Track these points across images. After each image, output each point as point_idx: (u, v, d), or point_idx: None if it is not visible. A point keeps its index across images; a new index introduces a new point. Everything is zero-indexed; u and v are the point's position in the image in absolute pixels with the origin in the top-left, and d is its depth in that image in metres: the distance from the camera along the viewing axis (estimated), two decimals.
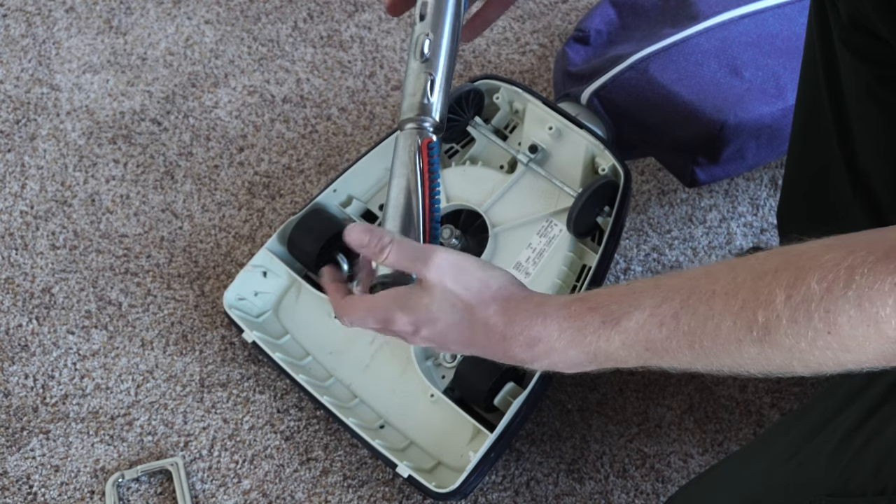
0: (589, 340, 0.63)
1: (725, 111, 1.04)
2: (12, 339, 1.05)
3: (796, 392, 1.03)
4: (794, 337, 0.54)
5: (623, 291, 0.63)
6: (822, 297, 0.53)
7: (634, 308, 0.61)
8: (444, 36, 0.77)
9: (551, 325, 0.65)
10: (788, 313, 0.54)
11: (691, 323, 0.58)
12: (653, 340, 0.60)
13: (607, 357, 0.63)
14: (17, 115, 1.20)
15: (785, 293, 0.54)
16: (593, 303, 0.64)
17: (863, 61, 0.78)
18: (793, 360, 0.56)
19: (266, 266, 1.02)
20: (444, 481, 0.91)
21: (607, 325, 0.62)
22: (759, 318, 0.55)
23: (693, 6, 1.12)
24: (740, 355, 0.57)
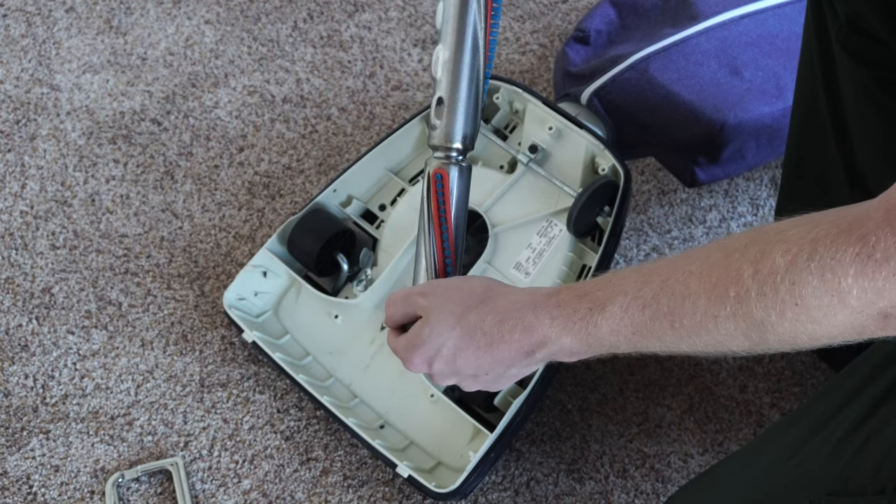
0: (579, 327, 0.65)
1: (725, 111, 1.04)
2: (12, 339, 1.05)
3: (796, 392, 1.03)
4: (764, 310, 0.56)
5: (608, 278, 0.66)
6: (787, 270, 0.54)
7: (618, 293, 0.63)
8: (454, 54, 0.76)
9: (542, 315, 0.67)
10: (757, 287, 0.56)
11: (671, 303, 0.60)
12: (637, 323, 0.62)
13: (600, 343, 0.65)
14: (18, 115, 1.21)
15: (752, 267, 0.56)
16: (580, 290, 0.66)
17: (860, 63, 0.78)
18: (767, 334, 0.57)
19: (266, 266, 1.02)
20: (444, 481, 0.91)
21: (594, 310, 0.64)
22: (730, 294, 0.57)
23: (693, 6, 1.12)
24: (718, 332, 0.59)
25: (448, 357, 0.72)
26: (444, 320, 0.71)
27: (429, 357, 0.73)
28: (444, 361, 0.72)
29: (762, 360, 1.05)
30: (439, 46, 0.77)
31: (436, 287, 0.75)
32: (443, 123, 0.76)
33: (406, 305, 0.75)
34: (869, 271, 0.52)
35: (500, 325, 0.69)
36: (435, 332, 0.72)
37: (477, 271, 0.98)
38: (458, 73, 0.76)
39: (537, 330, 0.67)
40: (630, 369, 1.04)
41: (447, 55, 0.76)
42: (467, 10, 0.75)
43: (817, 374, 1.04)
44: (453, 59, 0.75)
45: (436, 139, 0.78)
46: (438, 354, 0.72)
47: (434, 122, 0.78)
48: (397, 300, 0.76)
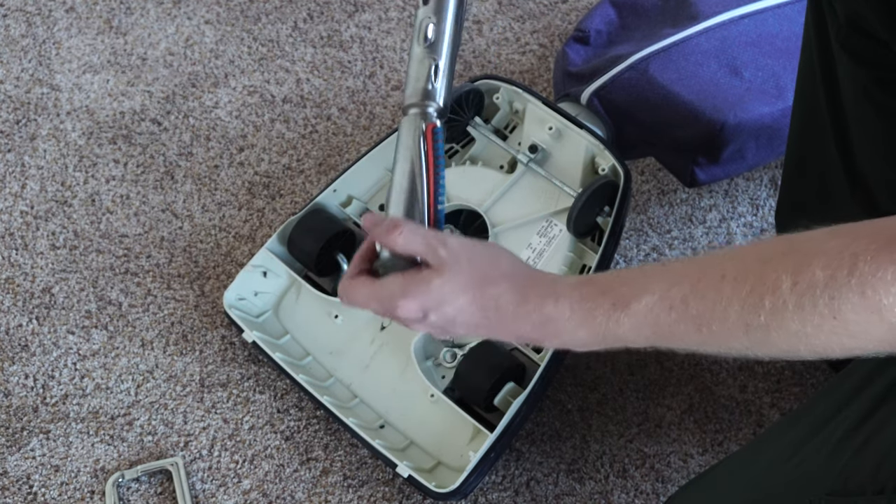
0: (599, 322, 0.63)
1: (725, 111, 1.04)
2: (12, 339, 1.05)
3: (796, 392, 1.03)
4: (800, 322, 0.55)
5: (634, 275, 0.64)
6: (827, 285, 0.54)
7: (644, 292, 0.62)
8: (447, 20, 0.76)
9: (563, 306, 0.65)
10: (795, 299, 0.55)
11: (700, 307, 0.59)
12: (661, 324, 0.61)
13: (616, 338, 0.64)
14: (18, 115, 1.21)
15: (791, 279, 0.55)
16: (604, 286, 0.64)
17: (860, 63, 0.78)
18: (799, 345, 0.56)
19: (266, 266, 1.02)
20: (444, 481, 0.91)
21: (618, 307, 0.63)
22: (766, 304, 0.56)
23: (693, 6, 1.12)
24: (747, 339, 0.58)
25: (449, 316, 0.67)
26: (458, 280, 0.67)
27: (426, 307, 0.67)
28: (442, 317, 0.67)
29: (762, 360, 1.05)
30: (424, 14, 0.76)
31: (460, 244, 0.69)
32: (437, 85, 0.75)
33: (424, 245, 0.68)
34: None
35: (517, 308, 0.66)
36: (447, 288, 0.66)
37: None
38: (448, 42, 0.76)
39: (554, 321, 0.65)
40: (630, 369, 1.04)
41: None
42: None
43: (817, 374, 1.04)
44: None
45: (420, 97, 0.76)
46: (439, 309, 0.67)
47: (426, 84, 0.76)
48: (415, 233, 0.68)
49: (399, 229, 0.68)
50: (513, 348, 0.97)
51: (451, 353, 0.96)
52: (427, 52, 0.75)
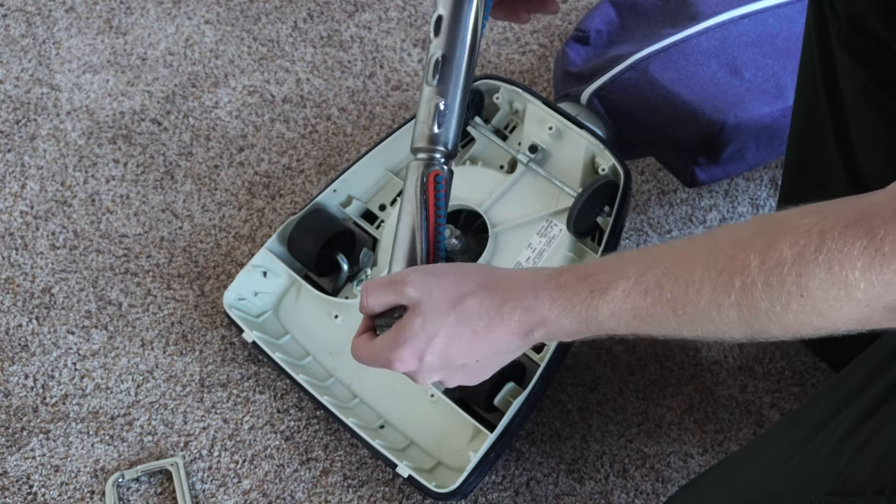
0: (578, 310, 0.64)
1: (725, 111, 1.04)
2: (12, 339, 1.05)
3: (796, 392, 1.03)
4: (769, 301, 0.55)
5: (611, 261, 0.65)
6: (794, 262, 0.54)
7: (620, 277, 0.62)
8: (457, 56, 0.74)
9: (542, 298, 0.65)
10: (763, 278, 0.55)
11: (674, 290, 0.60)
12: (639, 308, 0.62)
13: (599, 326, 0.64)
14: (17, 115, 1.21)
15: (759, 258, 0.56)
16: (581, 273, 0.65)
17: (861, 64, 0.78)
18: (770, 324, 0.57)
19: (266, 266, 1.02)
20: (444, 481, 0.91)
21: (595, 294, 0.63)
22: (735, 284, 0.57)
23: (693, 6, 1.12)
24: (721, 320, 0.59)
25: (441, 348, 0.68)
26: (437, 309, 0.67)
27: (419, 350, 0.68)
28: (437, 353, 0.68)
29: (762, 360, 1.05)
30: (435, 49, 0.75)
31: (424, 274, 0.70)
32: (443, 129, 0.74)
33: (391, 293, 0.69)
34: (877, 265, 0.52)
35: (500, 308, 0.66)
36: (429, 323, 0.67)
37: None
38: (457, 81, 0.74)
39: (537, 311, 0.65)
40: (630, 369, 1.04)
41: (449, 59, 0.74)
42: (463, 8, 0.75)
43: (817, 374, 1.04)
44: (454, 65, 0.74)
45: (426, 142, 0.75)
46: (430, 346, 0.67)
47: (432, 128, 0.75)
48: (379, 287, 0.70)
49: (365, 293, 0.71)
50: None
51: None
52: (435, 90, 0.73)
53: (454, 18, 0.74)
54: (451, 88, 0.74)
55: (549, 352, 0.94)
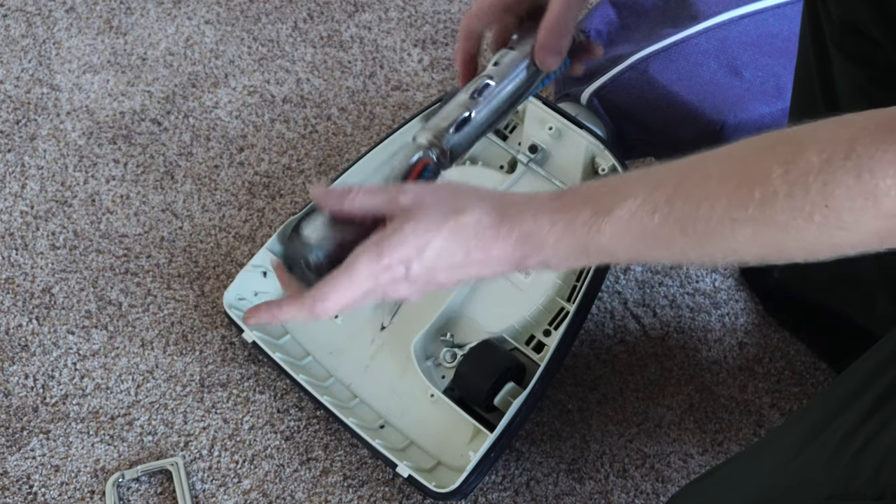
0: (580, 233, 0.60)
1: (725, 111, 1.04)
2: (12, 339, 1.05)
3: (796, 392, 1.03)
4: (790, 212, 0.53)
5: (615, 181, 0.61)
6: (821, 169, 0.51)
7: (626, 196, 0.59)
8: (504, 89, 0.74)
9: (542, 219, 0.61)
10: (786, 188, 0.52)
11: (685, 207, 0.56)
12: (645, 229, 0.58)
13: (599, 250, 0.60)
14: (18, 116, 1.21)
15: (782, 167, 0.53)
16: (585, 193, 0.61)
17: (855, 63, 0.78)
18: (788, 240, 0.54)
19: (266, 266, 1.02)
20: (444, 481, 0.91)
21: (599, 215, 0.59)
22: (755, 195, 0.54)
23: (693, 6, 1.12)
24: (734, 237, 0.55)
25: (431, 259, 0.62)
26: (430, 217, 0.62)
27: (407, 258, 0.62)
28: (425, 265, 0.62)
29: (762, 360, 1.05)
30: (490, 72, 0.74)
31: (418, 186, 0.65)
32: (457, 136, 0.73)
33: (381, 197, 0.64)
34: None
35: (497, 228, 0.62)
36: (421, 229, 0.62)
37: None
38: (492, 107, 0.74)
39: (535, 236, 0.61)
40: (630, 369, 1.04)
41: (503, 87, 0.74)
42: None
43: (817, 374, 1.04)
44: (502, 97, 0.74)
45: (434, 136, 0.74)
46: (421, 256, 0.62)
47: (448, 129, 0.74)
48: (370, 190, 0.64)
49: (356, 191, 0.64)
50: (512, 348, 0.97)
51: (451, 353, 0.96)
52: (469, 102, 0.73)
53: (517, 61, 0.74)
54: (485, 110, 0.73)
55: (549, 352, 0.94)
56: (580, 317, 0.96)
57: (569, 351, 0.98)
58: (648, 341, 1.06)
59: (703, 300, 1.08)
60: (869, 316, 0.96)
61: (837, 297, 1.00)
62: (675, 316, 1.07)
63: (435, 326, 0.97)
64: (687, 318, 1.07)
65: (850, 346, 0.75)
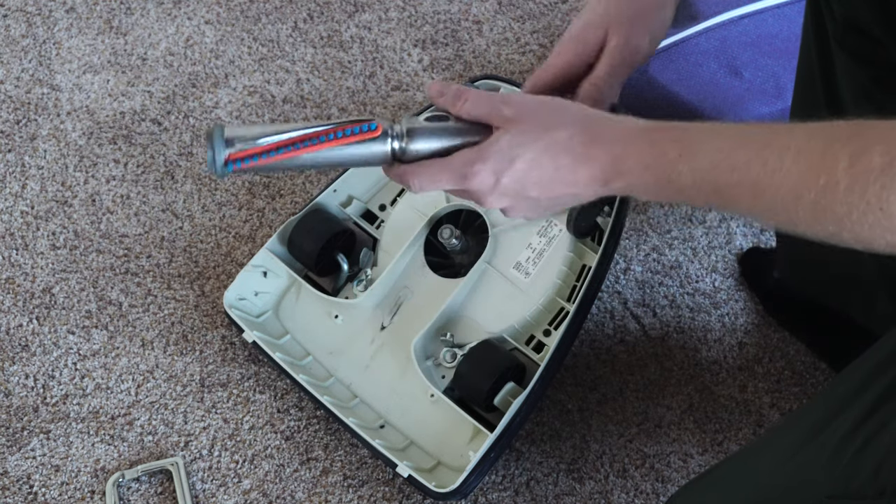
0: (664, 170, 0.63)
1: (725, 111, 1.04)
2: (13, 339, 1.05)
3: (796, 392, 1.03)
4: (846, 206, 0.54)
5: (706, 128, 0.64)
6: (882, 172, 0.53)
7: (713, 149, 0.62)
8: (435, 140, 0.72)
9: (631, 149, 0.65)
10: (846, 182, 0.54)
11: (759, 173, 0.59)
12: (721, 183, 0.61)
13: (676, 190, 0.64)
14: (18, 116, 1.21)
15: (848, 161, 0.54)
16: (675, 134, 0.64)
17: (858, 62, 0.78)
18: (842, 230, 0.56)
19: (266, 266, 1.02)
20: (444, 481, 0.91)
21: (684, 158, 0.62)
22: (819, 181, 0.55)
23: (693, 6, 1.12)
24: (797, 213, 0.57)
25: (521, 173, 0.66)
26: (527, 132, 0.66)
27: (499, 169, 0.66)
28: (515, 177, 0.67)
29: (762, 360, 1.05)
30: None
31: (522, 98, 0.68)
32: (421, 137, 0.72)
33: (488, 106, 0.68)
34: None
35: (587, 150, 0.65)
36: (515, 142, 0.66)
37: (477, 272, 0.98)
38: None
39: (623, 162, 0.65)
40: (630, 369, 1.04)
41: None
42: None
43: (817, 374, 1.04)
44: None
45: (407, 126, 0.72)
46: (512, 167, 0.66)
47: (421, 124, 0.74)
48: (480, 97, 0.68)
49: (466, 95, 0.69)
50: (512, 348, 0.97)
51: (451, 353, 0.96)
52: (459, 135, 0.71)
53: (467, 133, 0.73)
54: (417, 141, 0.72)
55: (549, 352, 0.94)
56: (580, 317, 0.96)
57: (569, 351, 0.98)
58: (648, 341, 1.06)
59: (703, 300, 1.08)
60: (869, 316, 0.96)
61: (837, 297, 1.00)
62: (675, 316, 1.08)
63: (435, 326, 0.97)
64: (687, 318, 1.07)
65: (849, 346, 0.75)
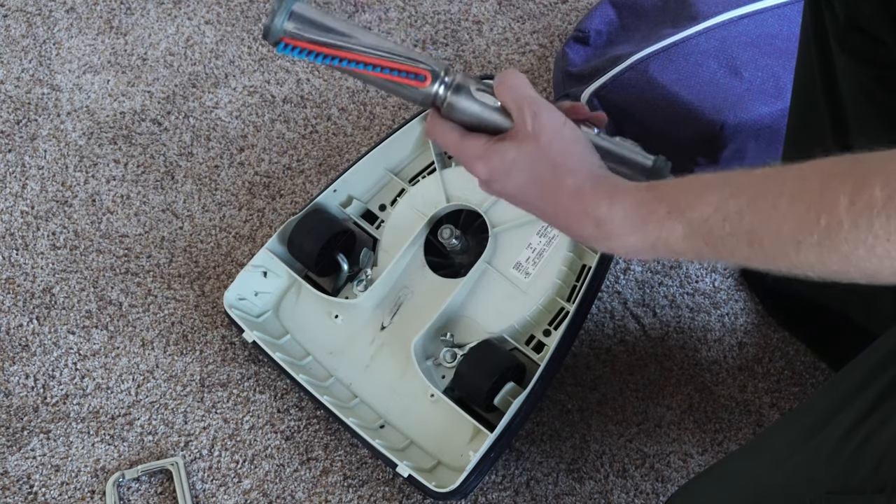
0: (651, 229, 0.63)
1: (725, 111, 1.04)
2: (13, 339, 1.05)
3: (796, 392, 1.03)
4: (853, 243, 0.54)
5: (692, 183, 0.63)
6: (885, 204, 0.52)
7: (701, 202, 0.61)
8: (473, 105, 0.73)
9: (617, 209, 0.65)
10: (850, 219, 0.54)
11: (755, 221, 0.58)
12: (714, 235, 0.60)
13: (666, 247, 0.63)
14: (18, 116, 1.21)
15: (848, 199, 0.54)
16: (662, 193, 0.64)
17: (859, 62, 0.78)
18: (850, 267, 0.55)
19: (266, 266, 1.02)
20: (444, 481, 0.91)
21: (672, 215, 0.62)
22: (821, 222, 0.55)
23: (693, 6, 1.12)
24: (797, 258, 0.57)
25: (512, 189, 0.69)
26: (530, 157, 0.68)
27: (494, 175, 0.69)
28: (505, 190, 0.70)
29: (762, 360, 1.05)
30: None
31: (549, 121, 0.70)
32: None
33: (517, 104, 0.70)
34: None
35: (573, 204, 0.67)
36: (519, 163, 0.68)
37: (477, 272, 0.98)
38: None
39: (607, 224, 0.65)
40: (630, 369, 1.04)
41: None
42: None
43: (817, 374, 1.04)
44: None
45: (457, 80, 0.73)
46: (505, 180, 0.69)
47: None
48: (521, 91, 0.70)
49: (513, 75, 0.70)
50: (512, 348, 0.97)
51: (451, 353, 0.97)
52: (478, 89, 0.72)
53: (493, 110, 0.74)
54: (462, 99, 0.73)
55: (549, 352, 0.94)
56: (580, 317, 0.96)
57: (569, 351, 0.98)
58: (648, 341, 1.06)
59: (703, 300, 1.08)
60: (868, 316, 0.96)
61: (837, 297, 1.00)
62: (674, 316, 1.08)
63: (435, 326, 0.97)
64: (687, 318, 1.07)
65: (849, 345, 0.75)
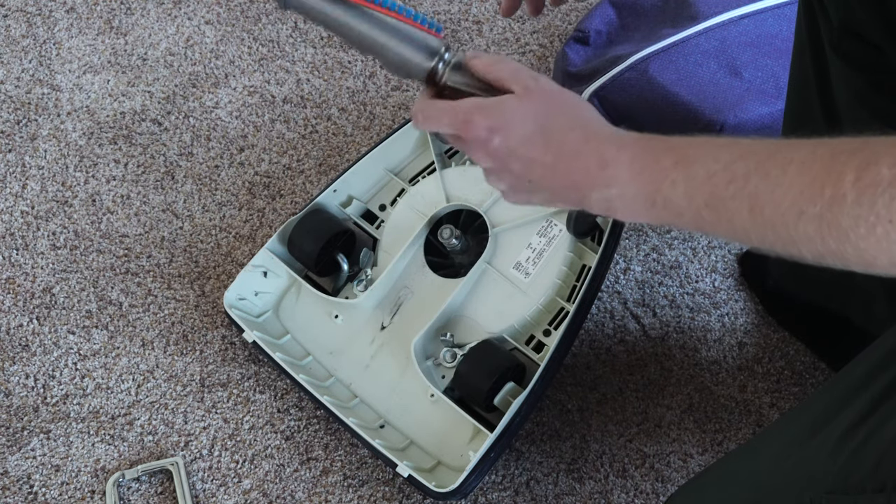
0: (656, 178, 0.61)
1: (725, 112, 1.04)
2: (13, 339, 1.05)
3: (796, 392, 1.04)
4: (854, 218, 0.53)
5: (703, 140, 0.62)
6: (890, 184, 0.52)
7: (710, 158, 0.60)
8: None
9: (625, 153, 0.63)
10: (854, 195, 0.53)
11: (760, 185, 0.57)
12: (717, 196, 0.59)
13: (665, 204, 0.61)
14: (18, 116, 1.21)
15: (855, 174, 0.53)
16: (671, 143, 0.62)
17: (854, 67, 0.78)
18: (847, 246, 0.54)
19: (266, 266, 1.02)
20: (444, 481, 0.92)
21: (679, 166, 0.60)
22: (825, 193, 0.54)
23: (693, 6, 1.13)
24: (797, 230, 0.56)
25: (514, 141, 0.66)
26: (532, 108, 0.66)
27: (494, 127, 0.66)
28: (506, 142, 0.66)
29: (762, 360, 1.05)
30: None
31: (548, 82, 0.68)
32: None
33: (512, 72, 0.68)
34: None
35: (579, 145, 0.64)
36: (519, 112, 0.66)
37: (477, 272, 0.98)
38: None
39: (611, 166, 0.63)
40: (630, 369, 1.04)
41: None
42: None
43: (817, 374, 1.04)
44: None
45: None
46: (506, 132, 0.66)
47: None
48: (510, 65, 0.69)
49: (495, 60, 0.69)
50: (512, 348, 0.97)
51: (451, 353, 0.97)
52: None
53: None
54: None
55: (549, 352, 0.94)
56: (580, 317, 0.96)
57: (569, 351, 0.98)
58: (648, 341, 1.06)
59: (703, 300, 1.08)
60: (867, 318, 0.96)
61: (836, 299, 1.00)
62: (674, 316, 1.08)
63: (435, 326, 0.97)
64: (687, 318, 1.07)
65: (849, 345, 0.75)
